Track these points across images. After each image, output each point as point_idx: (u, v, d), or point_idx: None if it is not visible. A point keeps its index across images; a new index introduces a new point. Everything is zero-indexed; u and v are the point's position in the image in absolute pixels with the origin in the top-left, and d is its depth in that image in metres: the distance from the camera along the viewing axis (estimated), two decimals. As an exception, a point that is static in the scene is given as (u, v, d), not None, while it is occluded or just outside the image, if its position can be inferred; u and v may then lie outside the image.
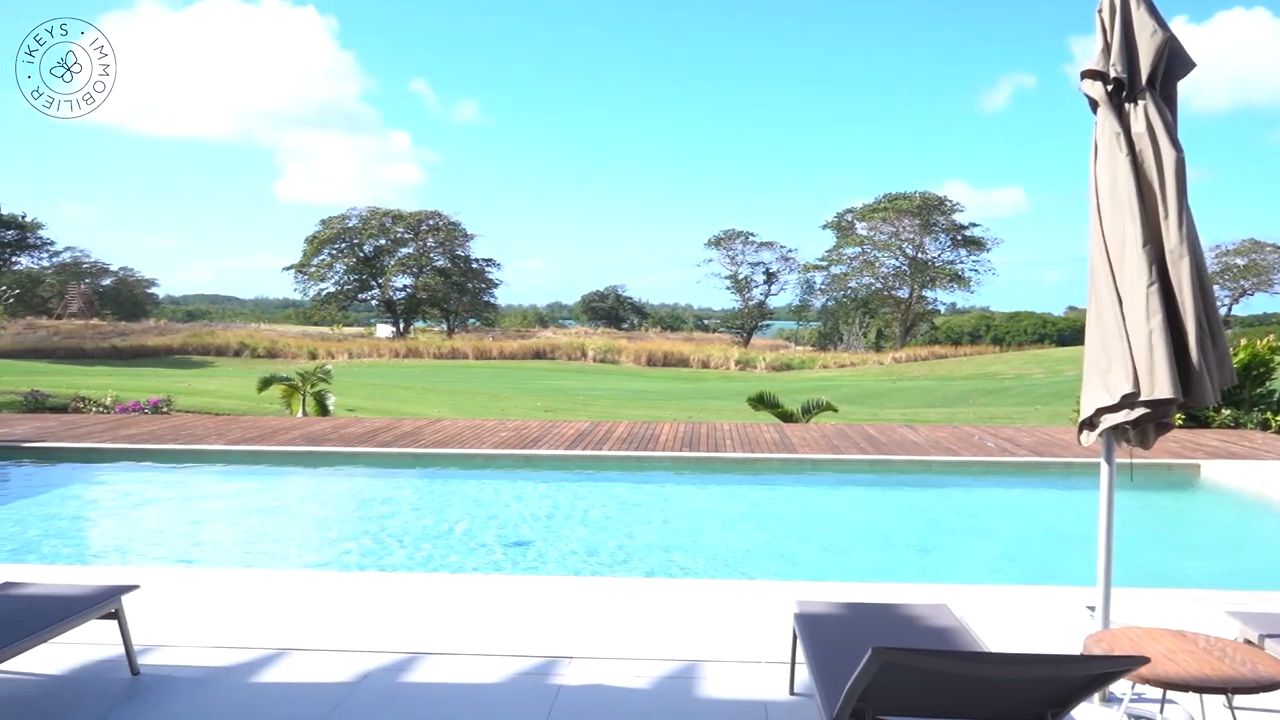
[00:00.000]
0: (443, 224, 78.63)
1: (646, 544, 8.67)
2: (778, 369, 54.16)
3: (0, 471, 11.47)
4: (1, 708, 4.25)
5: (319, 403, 18.43)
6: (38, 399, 18.20)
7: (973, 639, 4.02)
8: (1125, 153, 4.07)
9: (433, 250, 79.19)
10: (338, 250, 78.34)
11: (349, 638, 5.12)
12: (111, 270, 79.90)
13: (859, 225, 76.19)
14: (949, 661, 2.87)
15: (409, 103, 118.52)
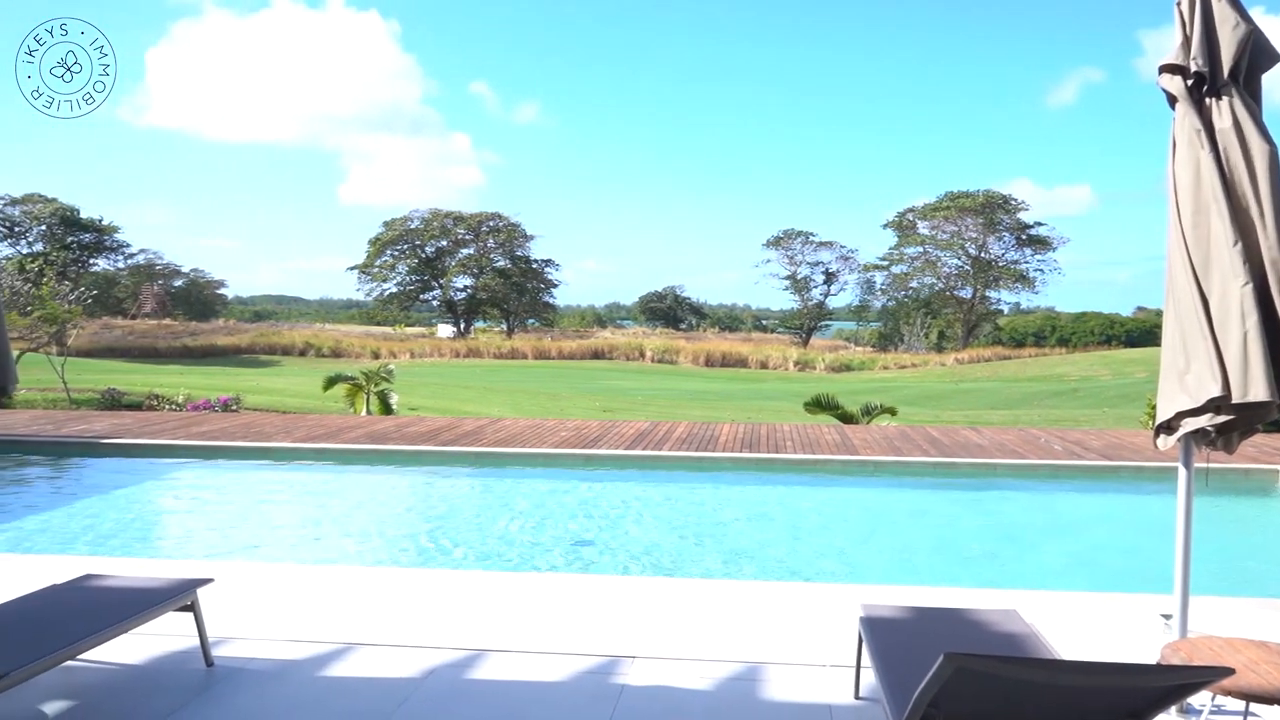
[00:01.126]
0: (503, 225, 79.33)
1: (707, 544, 8.65)
2: (837, 370, 53.68)
3: (80, 466, 11.85)
4: (84, 695, 4.39)
5: (382, 402, 18.72)
6: (114, 397, 18.76)
7: (1044, 646, 3.94)
8: (1207, 149, 3.96)
9: (493, 251, 79.94)
10: (400, 251, 79.50)
11: (414, 633, 5.19)
12: (183, 272, 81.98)
13: (920, 224, 75.18)
14: (1023, 668, 2.82)
15: (470, 105, 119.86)
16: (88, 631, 3.96)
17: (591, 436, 12.94)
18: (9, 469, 11.66)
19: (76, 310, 23.07)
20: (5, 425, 12.66)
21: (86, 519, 9.46)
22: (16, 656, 3.60)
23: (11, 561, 6.92)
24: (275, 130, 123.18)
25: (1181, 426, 4.01)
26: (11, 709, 4.13)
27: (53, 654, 3.74)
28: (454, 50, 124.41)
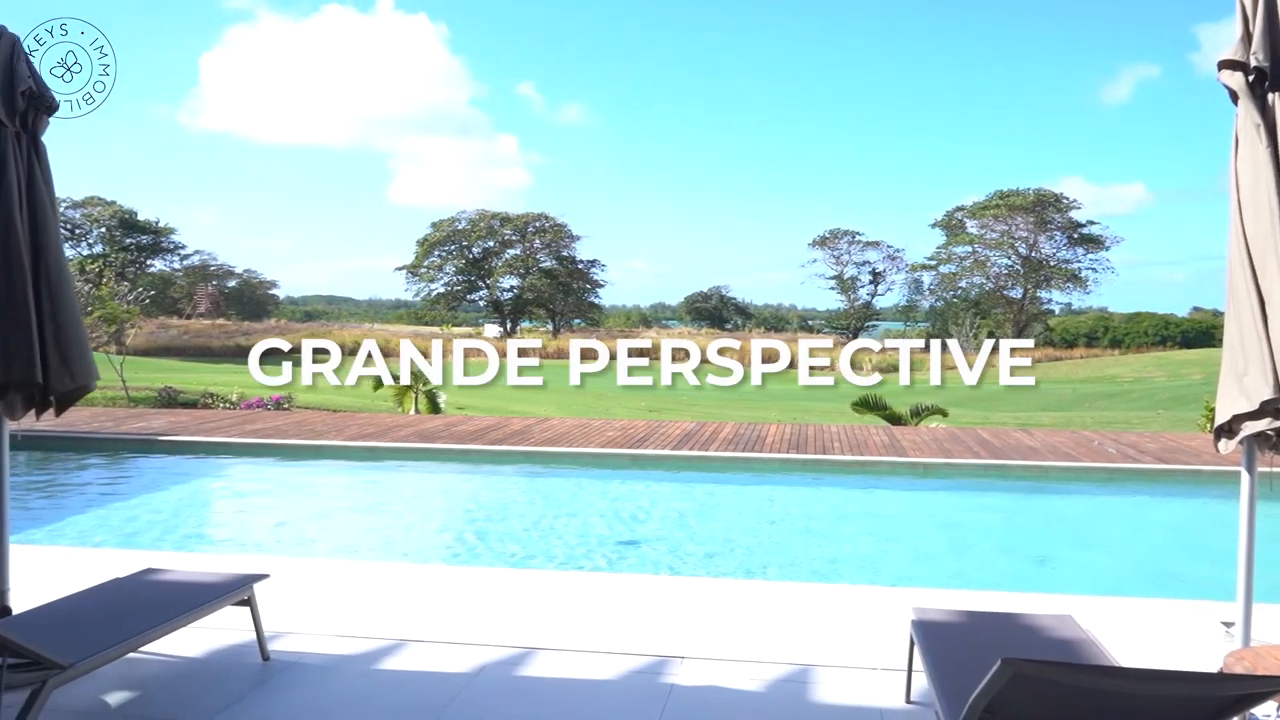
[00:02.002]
0: (549, 225, 79.72)
1: (755, 545, 8.63)
2: (884, 370, 53.20)
3: (139, 463, 12.12)
4: (145, 686, 4.49)
5: (431, 401, 18.91)
6: (171, 395, 19.16)
7: (1102, 653, 3.88)
8: (1268, 145, 3.87)
9: (539, 251, 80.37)
10: (447, 252, 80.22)
11: (465, 630, 5.23)
12: (236, 272, 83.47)
13: (969, 223, 74.23)
14: (1082, 675, 2.77)
15: (517, 106, 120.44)
16: (149, 624, 4.05)
17: (638, 436, 12.96)
18: (71, 465, 11.96)
19: (135, 310, 23.56)
20: (68, 422, 12.98)
21: (145, 514, 9.68)
22: (81, 648, 3.70)
23: (74, 555, 7.11)
24: (326, 133, 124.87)
25: (1241, 430, 3.92)
26: (76, 699, 4.24)
27: (116, 646, 3.83)
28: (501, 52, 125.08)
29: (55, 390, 4.48)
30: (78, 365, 4.50)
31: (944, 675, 3.52)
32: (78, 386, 4.56)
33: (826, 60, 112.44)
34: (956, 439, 13.14)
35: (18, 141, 4.41)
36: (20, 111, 4.40)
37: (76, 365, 4.49)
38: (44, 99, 4.51)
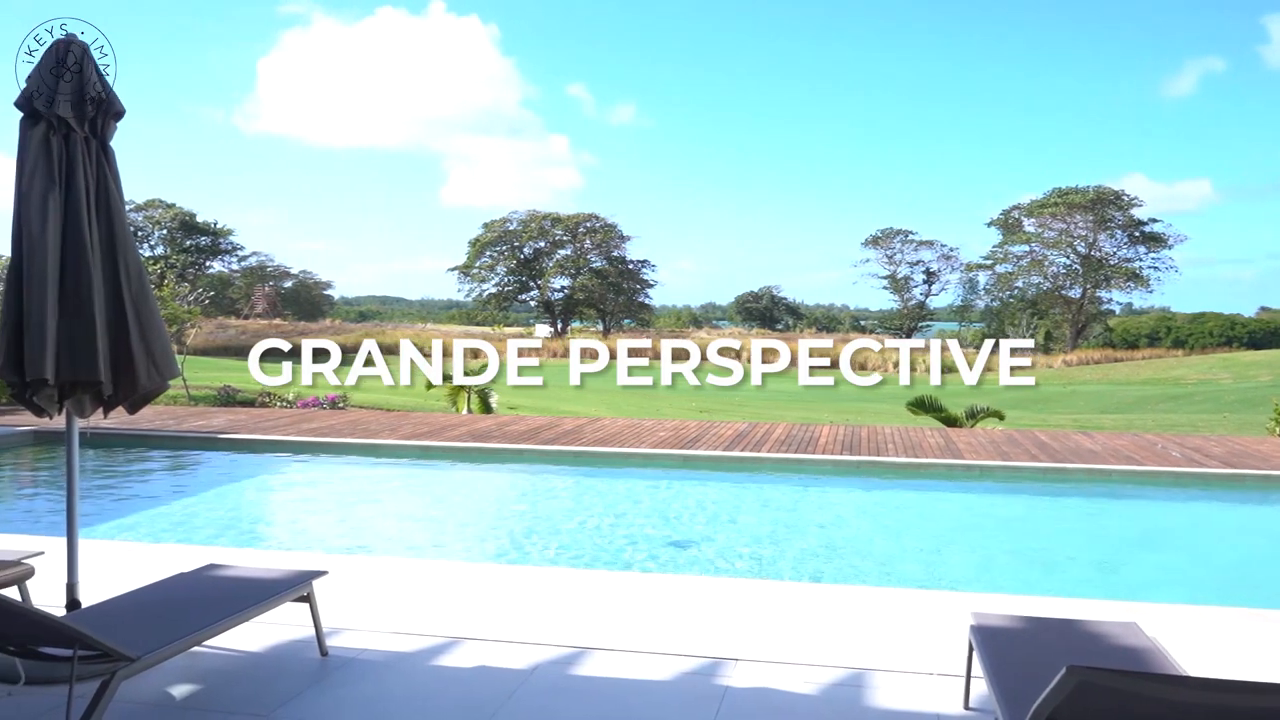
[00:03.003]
0: (600, 226, 79.97)
1: (808, 547, 8.57)
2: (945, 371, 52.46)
3: (200, 460, 12.38)
4: (207, 680, 4.58)
5: (483, 400, 19.06)
6: (230, 394, 19.53)
7: (1169, 661, 3.78)
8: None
9: (590, 252, 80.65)
10: (499, 252, 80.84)
11: (519, 629, 5.26)
12: (292, 273, 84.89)
13: (1026, 222, 72.98)
14: (1150, 685, 2.71)
15: (567, 107, 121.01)
16: (213, 619, 4.13)
17: (690, 437, 12.94)
18: (135, 462, 12.25)
19: (196, 311, 24.07)
20: (132, 420, 13.30)
21: (206, 510, 9.88)
22: (148, 641, 3.78)
23: (139, 550, 7.28)
24: (379, 135, 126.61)
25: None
26: (142, 691, 4.33)
27: (181, 639, 3.91)
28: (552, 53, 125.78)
29: (138, 388, 4.60)
30: (163, 364, 4.61)
31: (1004, 682, 3.46)
32: (159, 385, 4.68)
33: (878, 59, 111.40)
34: (1014, 441, 12.93)
35: (87, 146, 4.52)
36: (89, 117, 4.51)
37: (162, 363, 4.61)
38: (112, 105, 4.62)
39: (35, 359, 4.23)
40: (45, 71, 4.45)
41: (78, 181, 4.44)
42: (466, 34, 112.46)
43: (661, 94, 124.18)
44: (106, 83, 4.62)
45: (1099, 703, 2.73)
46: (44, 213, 4.28)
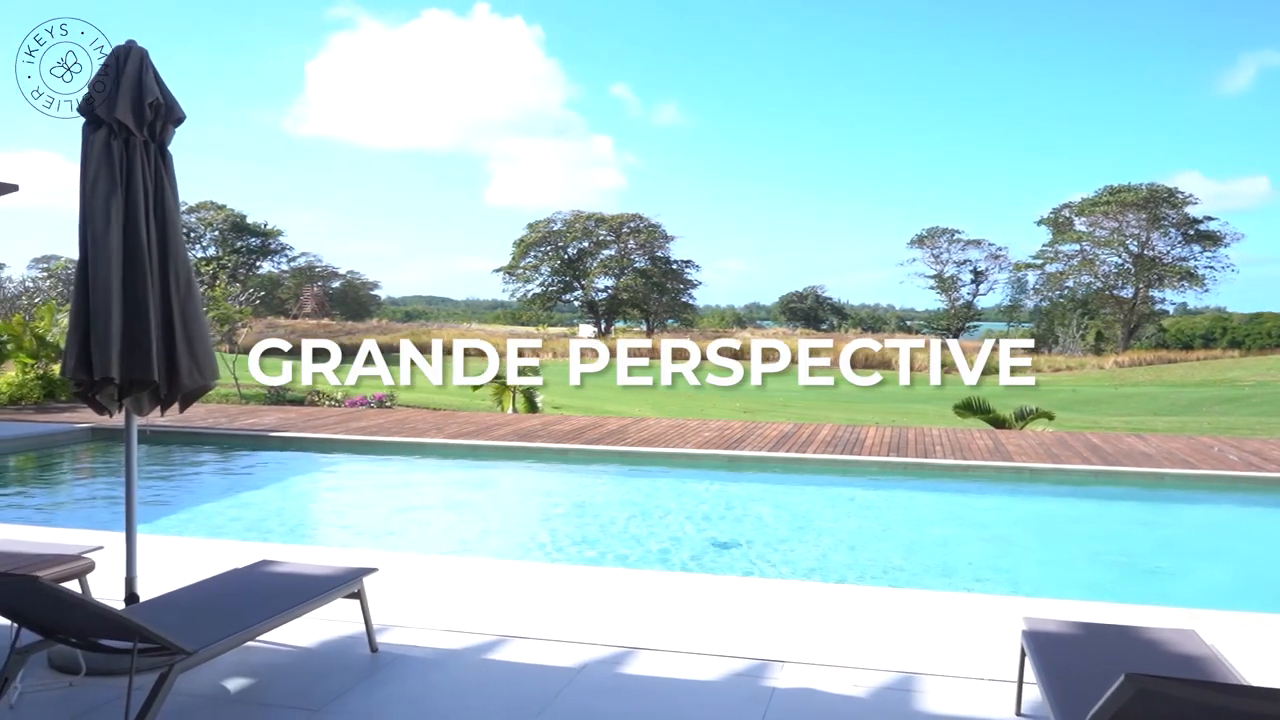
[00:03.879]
0: (643, 226, 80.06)
1: (855, 549, 8.50)
2: (986, 372, 51.81)
3: (252, 457, 12.59)
4: (260, 674, 4.65)
5: (528, 400, 19.16)
6: (279, 392, 19.82)
7: (1229, 670, 3.70)
8: None
9: (633, 252, 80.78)
10: (543, 253, 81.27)
11: (566, 628, 5.28)
12: (340, 274, 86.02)
13: (1077, 221, 71.86)
14: (1212, 693, 2.65)
15: (611, 107, 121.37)
16: (267, 614, 4.20)
17: (734, 437, 12.91)
18: (189, 459, 12.49)
19: (247, 311, 24.46)
20: (185, 418, 13.56)
21: (257, 507, 10.04)
22: (205, 635, 3.85)
23: (192, 545, 7.41)
24: (425, 136, 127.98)
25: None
26: (197, 684, 4.41)
27: (236, 634, 3.98)
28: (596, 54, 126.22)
29: (180, 388, 4.68)
30: (204, 364, 4.70)
31: (1059, 689, 3.41)
32: (202, 385, 4.77)
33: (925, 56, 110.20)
34: (1065, 444, 12.72)
35: (146, 151, 4.61)
36: (149, 122, 4.59)
37: (204, 364, 4.70)
38: (171, 110, 4.70)
39: (102, 358, 4.33)
40: (104, 77, 4.55)
41: (136, 185, 4.54)
42: (511, 35, 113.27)
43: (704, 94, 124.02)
44: (166, 88, 4.71)
45: (1158, 711, 2.68)
46: (107, 216, 4.38)
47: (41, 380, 16.48)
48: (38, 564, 4.73)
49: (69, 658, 4.46)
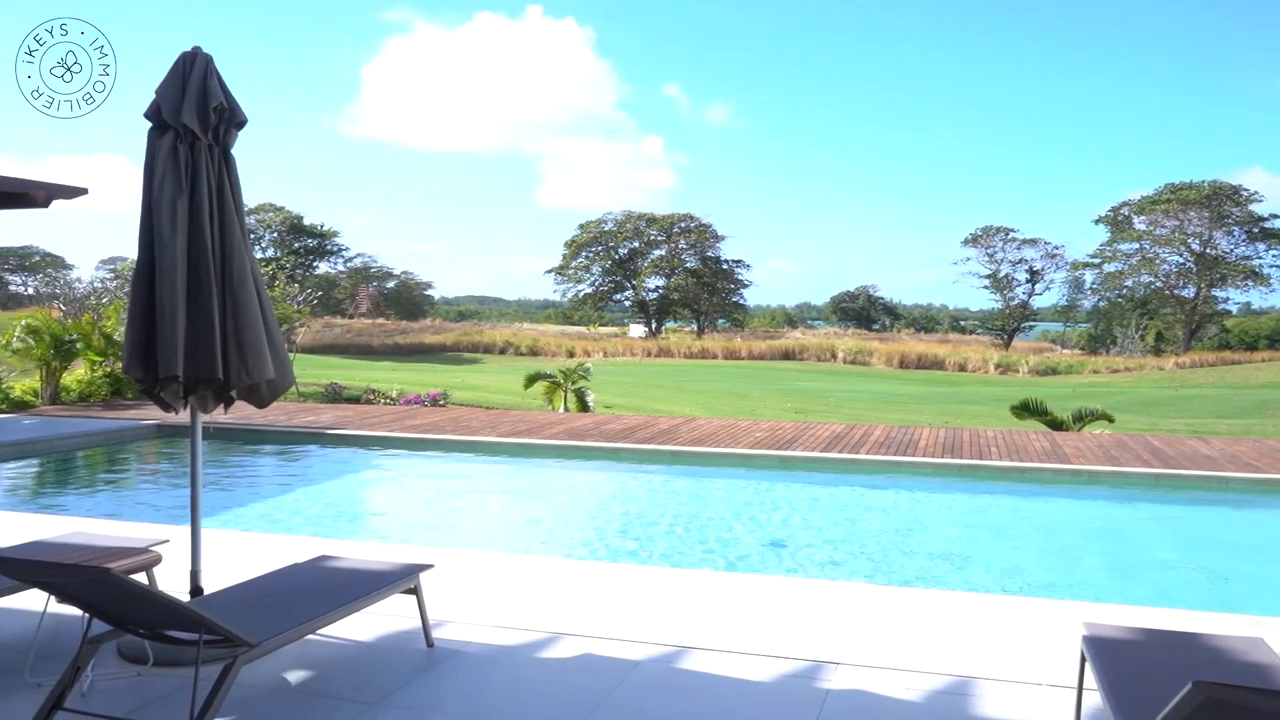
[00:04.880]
0: (694, 226, 79.93)
1: (909, 551, 8.42)
2: (1042, 373, 50.94)
3: (310, 454, 12.81)
4: (319, 667, 4.74)
5: (579, 399, 19.25)
6: (336, 391, 20.15)
7: (1298, 678, 3.61)
8: None
9: (684, 252, 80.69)
10: (594, 253, 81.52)
11: (619, 626, 5.30)
12: (394, 274, 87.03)
13: (1137, 219, 70.24)
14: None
15: (662, 107, 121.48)
16: (327, 608, 4.28)
17: (786, 438, 12.84)
18: (249, 455, 12.75)
19: (306, 311, 24.88)
20: (246, 415, 13.83)
21: (315, 502, 10.22)
22: (267, 628, 3.93)
23: (253, 539, 7.56)
24: (478, 138, 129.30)
25: None
26: (259, 676, 4.51)
27: (298, 627, 4.06)
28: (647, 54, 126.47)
29: (237, 386, 4.78)
30: (253, 361, 4.79)
31: (1122, 696, 3.35)
32: (258, 382, 4.86)
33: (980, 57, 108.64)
34: (1124, 446, 12.47)
35: (210, 154, 4.72)
36: (213, 126, 4.70)
37: (251, 361, 4.78)
38: (234, 114, 4.81)
39: (167, 357, 4.44)
40: (173, 83, 4.66)
41: (201, 187, 4.65)
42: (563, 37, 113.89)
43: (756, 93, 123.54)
44: (229, 92, 4.81)
45: (1226, 719, 2.62)
46: (173, 218, 4.49)
47: (109, 378, 16.92)
48: (108, 556, 4.86)
49: (137, 648, 4.58)
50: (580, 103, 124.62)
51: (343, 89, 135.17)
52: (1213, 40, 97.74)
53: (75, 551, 5.01)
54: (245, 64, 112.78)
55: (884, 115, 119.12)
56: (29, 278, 78.58)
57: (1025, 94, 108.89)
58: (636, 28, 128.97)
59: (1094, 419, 16.41)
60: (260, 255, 73.62)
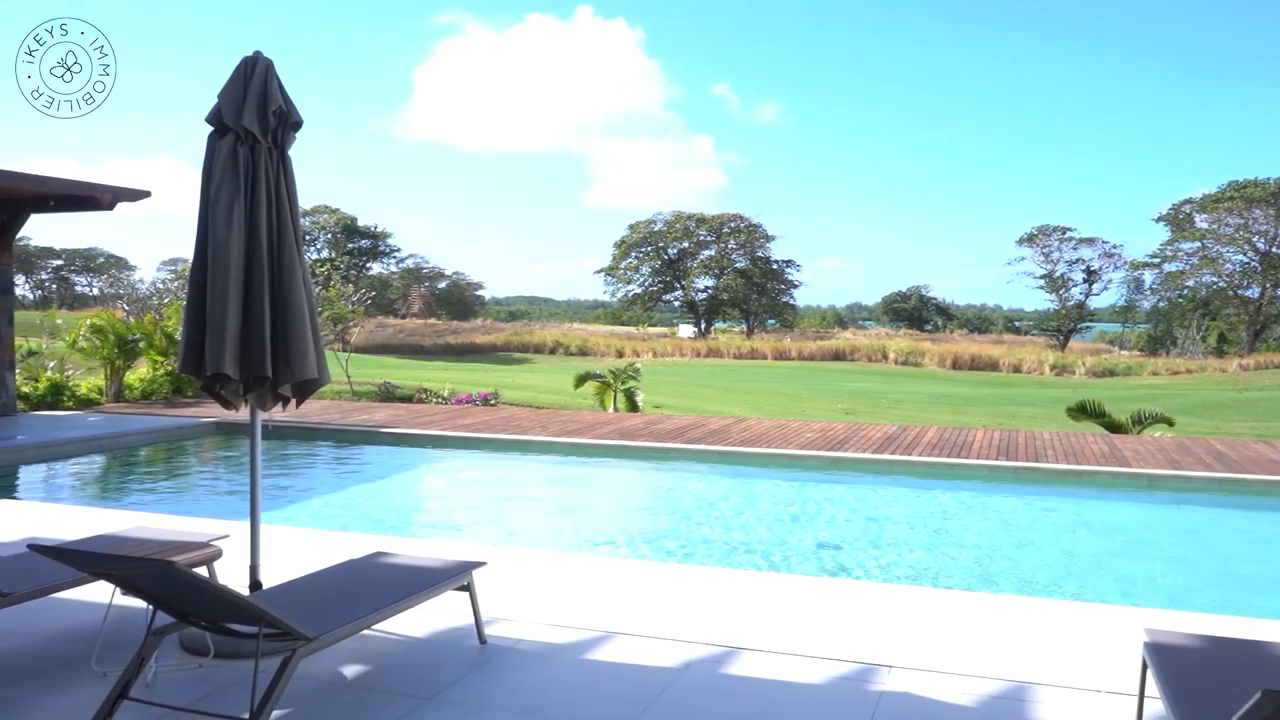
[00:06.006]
0: (744, 226, 79.66)
1: (962, 555, 8.31)
2: (1099, 375, 49.96)
3: (364, 452, 12.99)
4: (375, 661, 4.80)
5: (629, 399, 19.28)
6: (389, 390, 20.40)
7: (1371, 689, 3.49)
8: None
9: (734, 252, 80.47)
10: (644, 253, 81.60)
11: (670, 626, 5.30)
12: (446, 274, 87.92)
13: (1198, 217, 68.56)
14: (1355, 713, 2.51)
15: (712, 107, 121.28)
16: (383, 604, 4.33)
17: (837, 439, 12.75)
18: (305, 453, 12.96)
19: (359, 311, 25.21)
20: (302, 414, 14.06)
21: (369, 499, 10.36)
22: (325, 622, 3.99)
23: (309, 535, 7.69)
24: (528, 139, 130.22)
25: None
26: (316, 670, 4.58)
27: (355, 621, 4.11)
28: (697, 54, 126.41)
29: (298, 384, 4.87)
30: (318, 363, 4.88)
31: (1186, 704, 3.27)
32: (316, 380, 4.95)
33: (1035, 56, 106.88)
34: (1186, 450, 12.19)
35: (269, 156, 4.81)
36: (272, 129, 4.79)
37: (317, 363, 4.87)
38: (291, 117, 4.90)
39: (216, 356, 4.53)
40: (234, 86, 4.76)
41: (259, 188, 4.74)
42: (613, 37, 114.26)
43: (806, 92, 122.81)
44: (288, 96, 4.90)
45: (1295, 730, 2.56)
46: (230, 219, 4.59)
47: (170, 376, 17.31)
48: (170, 550, 4.98)
49: (199, 640, 4.69)
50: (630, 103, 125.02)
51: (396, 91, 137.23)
52: (1275, 35, 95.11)
53: (140, 545, 5.14)
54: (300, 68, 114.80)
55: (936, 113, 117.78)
56: (94, 279, 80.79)
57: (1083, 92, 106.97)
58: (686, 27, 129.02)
59: (1153, 422, 16.07)
60: (315, 256, 74.84)
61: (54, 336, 22.70)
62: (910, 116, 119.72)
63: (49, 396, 15.53)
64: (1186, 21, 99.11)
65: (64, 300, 74.76)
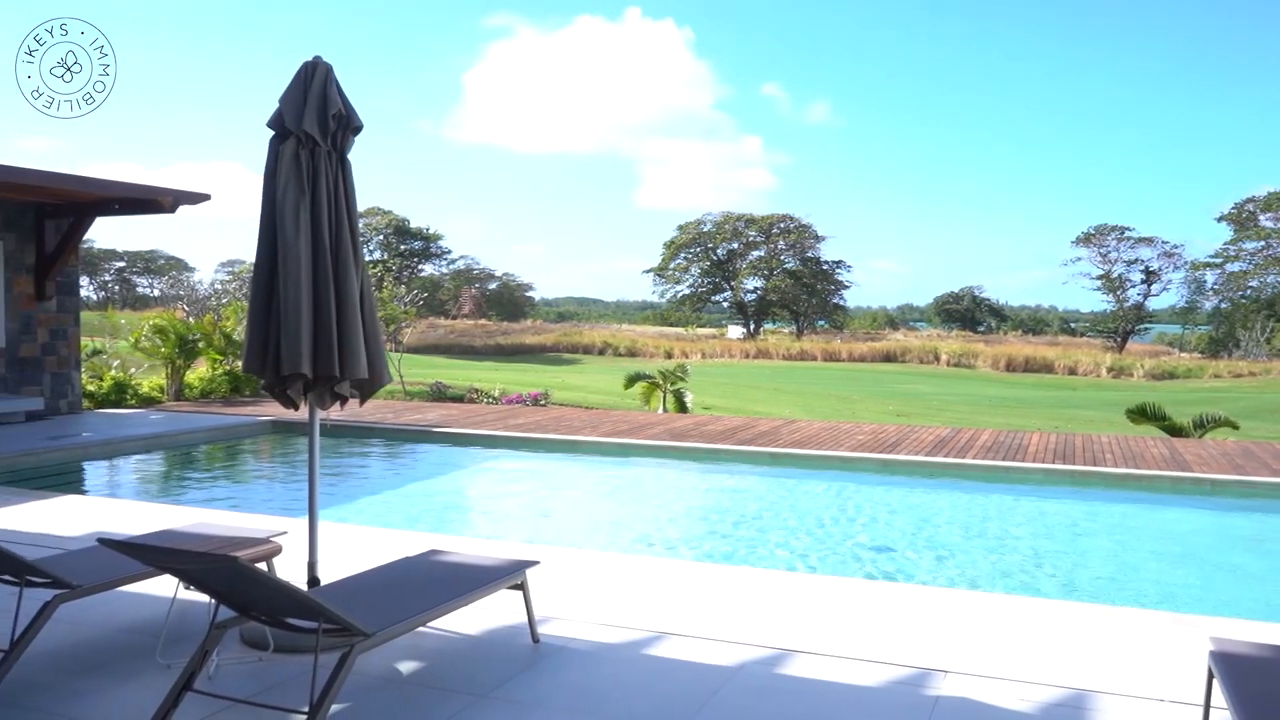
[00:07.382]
0: (793, 226, 79.21)
1: (1019, 559, 8.19)
2: (1158, 377, 48.85)
3: (416, 451, 13.14)
4: (429, 659, 4.86)
5: (678, 400, 19.27)
6: (441, 390, 20.62)
7: None
8: None
9: (783, 253, 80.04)
10: (693, 254, 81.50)
11: (723, 628, 5.29)
12: (496, 276, 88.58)
13: (1263, 216, 66.78)
14: None
15: (761, 107, 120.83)
16: (438, 601, 4.38)
17: (889, 441, 12.63)
18: (358, 452, 13.14)
19: (412, 311, 25.51)
20: (356, 413, 14.25)
21: (421, 498, 10.48)
22: (382, 618, 4.05)
23: (365, 533, 7.81)
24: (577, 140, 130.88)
25: None
26: (373, 665, 4.65)
27: (411, 618, 4.17)
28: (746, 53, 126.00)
29: (364, 384, 4.96)
30: (378, 362, 4.96)
31: (1254, 715, 3.19)
32: (371, 379, 5.04)
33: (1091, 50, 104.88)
34: (1250, 454, 11.88)
35: (329, 159, 4.89)
36: (332, 132, 4.88)
37: (377, 362, 4.96)
38: (351, 121, 4.98)
39: (292, 356, 4.62)
40: (295, 91, 4.84)
41: (320, 191, 4.82)
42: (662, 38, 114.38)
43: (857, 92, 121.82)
44: (347, 100, 4.98)
45: (1372, 743, 2.48)
46: (297, 221, 4.68)
47: (228, 375, 17.66)
48: (232, 546, 5.08)
49: (259, 635, 4.77)
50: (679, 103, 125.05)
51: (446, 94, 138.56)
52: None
53: (202, 541, 5.25)
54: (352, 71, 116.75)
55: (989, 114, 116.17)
56: (155, 280, 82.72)
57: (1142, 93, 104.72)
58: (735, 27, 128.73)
59: (1216, 425, 15.69)
60: (368, 257, 75.74)
61: (114, 336, 23.28)
62: (961, 117, 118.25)
63: (113, 395, 15.93)
64: (1247, 20, 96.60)
65: (125, 301, 76.65)
